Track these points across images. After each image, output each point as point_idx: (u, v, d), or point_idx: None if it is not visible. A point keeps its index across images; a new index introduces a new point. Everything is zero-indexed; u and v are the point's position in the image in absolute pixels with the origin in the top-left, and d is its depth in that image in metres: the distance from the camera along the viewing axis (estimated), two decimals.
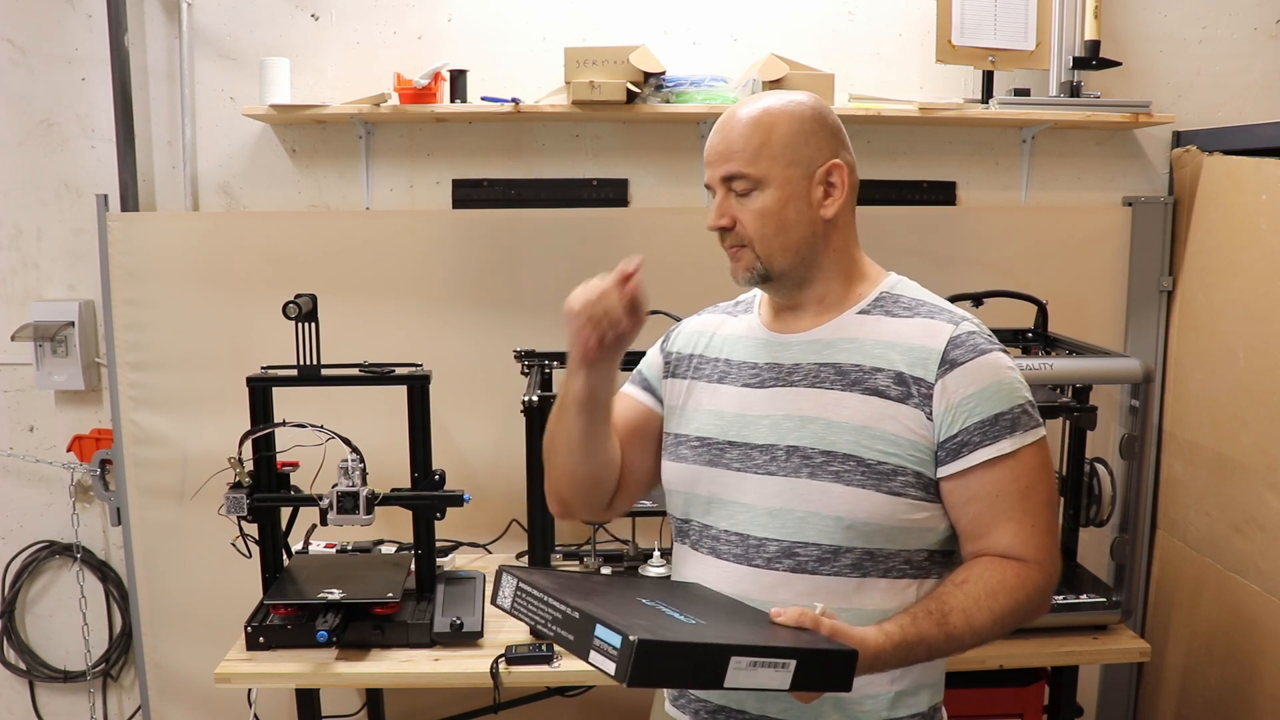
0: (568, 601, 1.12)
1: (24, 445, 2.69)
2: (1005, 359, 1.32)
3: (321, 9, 2.55)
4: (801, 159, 1.32)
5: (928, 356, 1.29)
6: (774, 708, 1.33)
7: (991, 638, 1.27)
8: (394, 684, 1.98)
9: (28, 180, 2.60)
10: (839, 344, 1.34)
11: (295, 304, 1.98)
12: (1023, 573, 1.28)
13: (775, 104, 1.34)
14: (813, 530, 1.30)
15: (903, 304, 1.36)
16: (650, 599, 1.21)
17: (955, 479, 1.29)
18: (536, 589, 1.17)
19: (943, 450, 1.28)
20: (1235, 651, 2.28)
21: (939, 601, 1.25)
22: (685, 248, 2.47)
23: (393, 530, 2.40)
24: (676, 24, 2.57)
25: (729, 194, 1.34)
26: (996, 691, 2.08)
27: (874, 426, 1.29)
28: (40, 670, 2.76)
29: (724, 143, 1.33)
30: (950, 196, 2.68)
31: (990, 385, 1.28)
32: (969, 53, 2.48)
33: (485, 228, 2.56)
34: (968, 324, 1.33)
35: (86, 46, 2.54)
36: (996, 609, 1.25)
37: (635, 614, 1.13)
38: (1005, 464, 1.27)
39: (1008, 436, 1.27)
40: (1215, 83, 2.64)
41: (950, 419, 1.27)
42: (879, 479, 1.28)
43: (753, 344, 1.41)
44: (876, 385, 1.30)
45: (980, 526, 1.30)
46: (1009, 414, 1.28)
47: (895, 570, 1.31)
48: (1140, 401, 2.04)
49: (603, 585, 1.30)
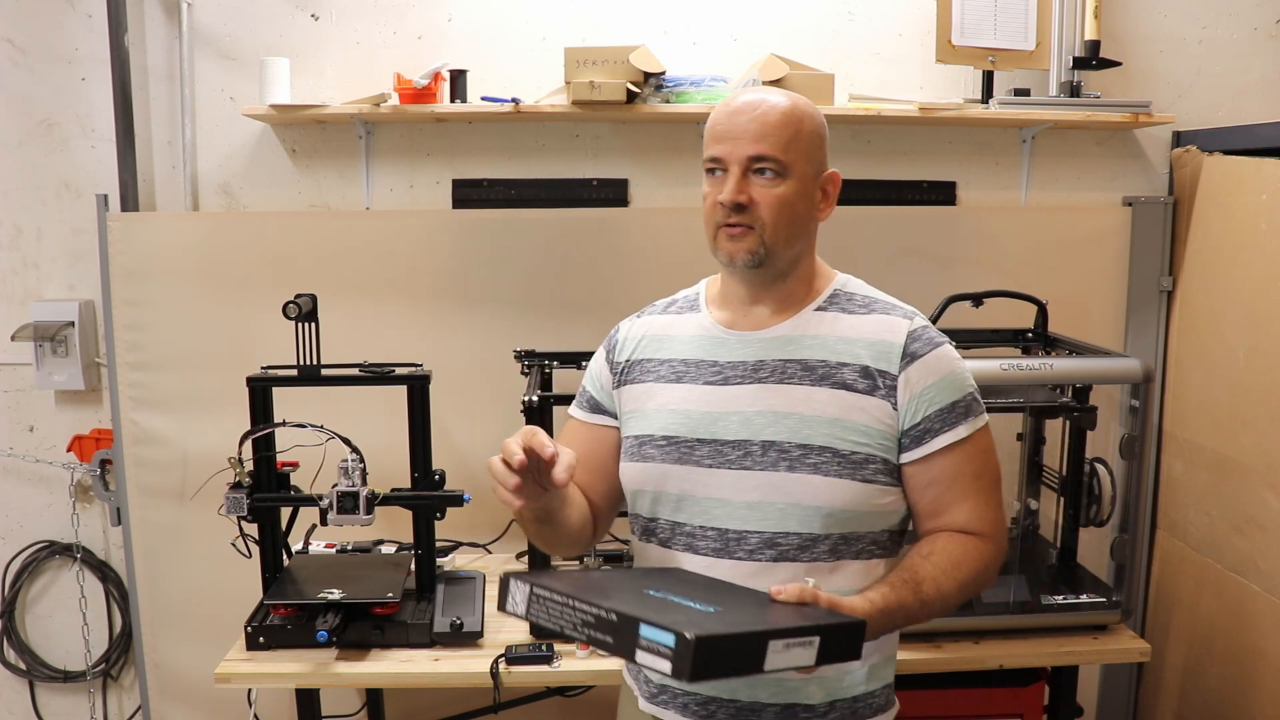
0: (598, 603, 1.11)
1: (24, 445, 2.69)
2: (954, 351, 1.42)
3: (321, 9, 2.55)
4: (815, 160, 1.40)
5: (890, 350, 1.37)
6: (764, 693, 1.36)
7: (956, 604, 1.36)
8: (394, 684, 1.98)
9: (28, 180, 2.60)
10: (802, 340, 1.40)
11: (295, 304, 1.98)
12: (980, 545, 1.38)
13: (800, 101, 1.39)
14: (793, 520, 1.35)
15: (856, 301, 1.44)
16: (657, 589, 1.22)
17: (918, 464, 1.37)
18: (556, 593, 1.16)
19: (906, 438, 1.37)
20: (1235, 651, 2.28)
21: (911, 572, 1.33)
22: (685, 248, 2.47)
23: (393, 530, 2.40)
24: (676, 24, 2.57)
25: (747, 174, 1.35)
26: (996, 691, 2.08)
27: (846, 419, 1.35)
28: (40, 670, 2.76)
29: (760, 125, 1.35)
30: (950, 196, 2.68)
31: (946, 375, 1.38)
32: (969, 53, 2.48)
33: (485, 228, 2.56)
34: (919, 319, 1.43)
35: (86, 46, 2.54)
36: (961, 577, 1.34)
37: (665, 608, 1.13)
38: (962, 448, 1.37)
39: (963, 422, 1.37)
40: (1215, 83, 2.64)
41: (914, 408, 1.36)
42: (854, 468, 1.35)
43: (709, 342, 1.45)
44: (844, 379, 1.37)
45: (939, 506, 1.39)
46: (963, 401, 1.38)
47: (865, 551, 1.39)
48: (1140, 401, 2.04)
49: (608, 581, 1.30)
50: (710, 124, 1.40)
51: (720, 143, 1.37)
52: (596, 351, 1.58)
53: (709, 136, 1.40)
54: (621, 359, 1.52)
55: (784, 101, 1.37)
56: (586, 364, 2.32)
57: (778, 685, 1.35)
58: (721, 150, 1.37)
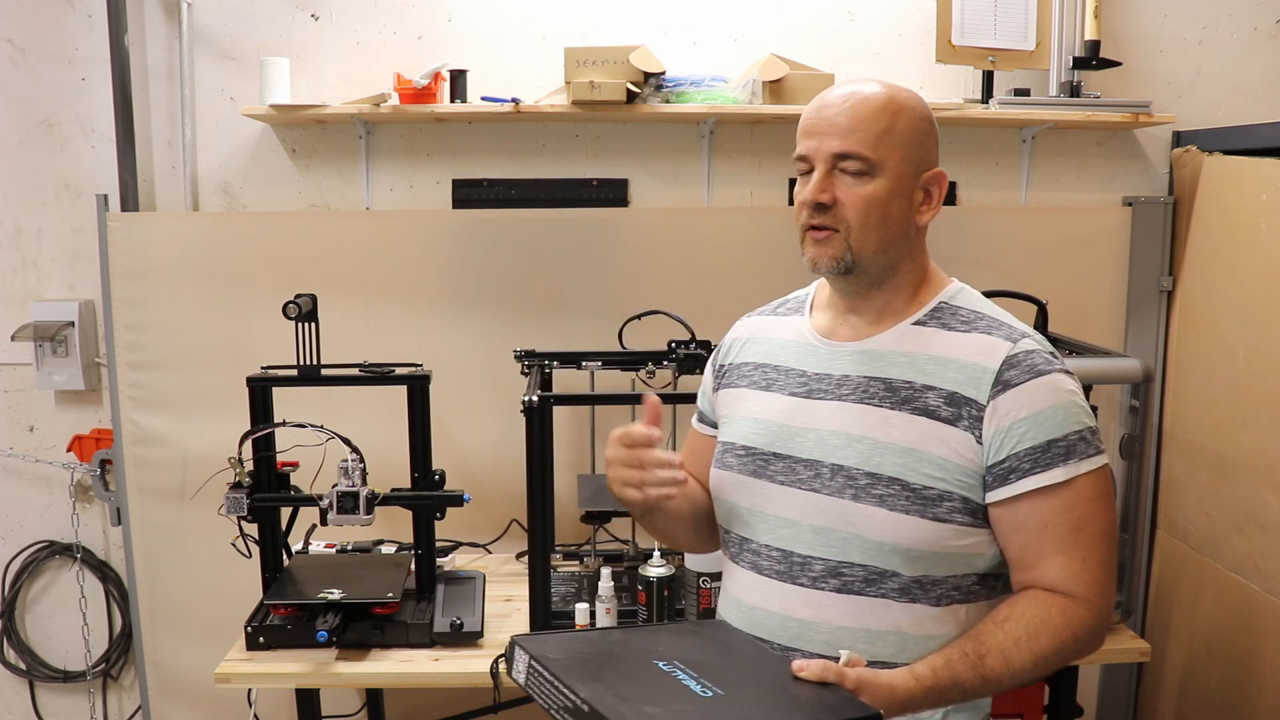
0: (576, 689, 1.09)
1: (24, 445, 2.69)
2: (1067, 381, 1.25)
3: (321, 9, 2.55)
4: (915, 157, 1.29)
5: (981, 376, 1.23)
6: None
7: (1033, 679, 1.22)
8: (394, 684, 1.98)
9: (28, 180, 2.60)
10: (891, 357, 1.29)
11: (295, 304, 1.98)
12: (1069, 610, 1.21)
13: (901, 93, 1.28)
14: (856, 552, 1.26)
15: (960, 316, 1.31)
16: (668, 662, 1.17)
17: (1002, 506, 1.23)
18: (547, 669, 1.14)
19: (990, 475, 1.23)
20: (1235, 651, 2.28)
21: (976, 642, 1.20)
22: (685, 248, 2.48)
23: (393, 530, 2.40)
24: (676, 24, 2.57)
25: (833, 172, 1.26)
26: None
27: (921, 449, 1.24)
28: (40, 670, 2.76)
29: (849, 118, 1.25)
30: (950, 196, 2.67)
31: (1046, 409, 1.22)
32: (969, 53, 2.48)
33: (485, 228, 2.56)
34: (1028, 341, 1.26)
35: (86, 46, 2.54)
36: (1037, 650, 1.19)
37: (647, 695, 1.09)
38: (1056, 493, 1.21)
39: (1061, 465, 1.21)
40: (1215, 83, 2.64)
41: (1000, 443, 1.22)
42: (924, 504, 1.23)
43: (802, 350, 1.37)
44: (926, 404, 1.24)
45: (1028, 556, 1.24)
46: (1063, 440, 1.22)
47: (946, 597, 1.26)
48: (1140, 401, 2.04)
49: (619, 647, 1.22)
50: (802, 119, 1.30)
51: (808, 138, 1.27)
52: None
53: (799, 132, 1.29)
54: (723, 362, 1.47)
55: (879, 91, 1.26)
56: (586, 364, 2.35)
57: None
58: (808, 146, 1.27)
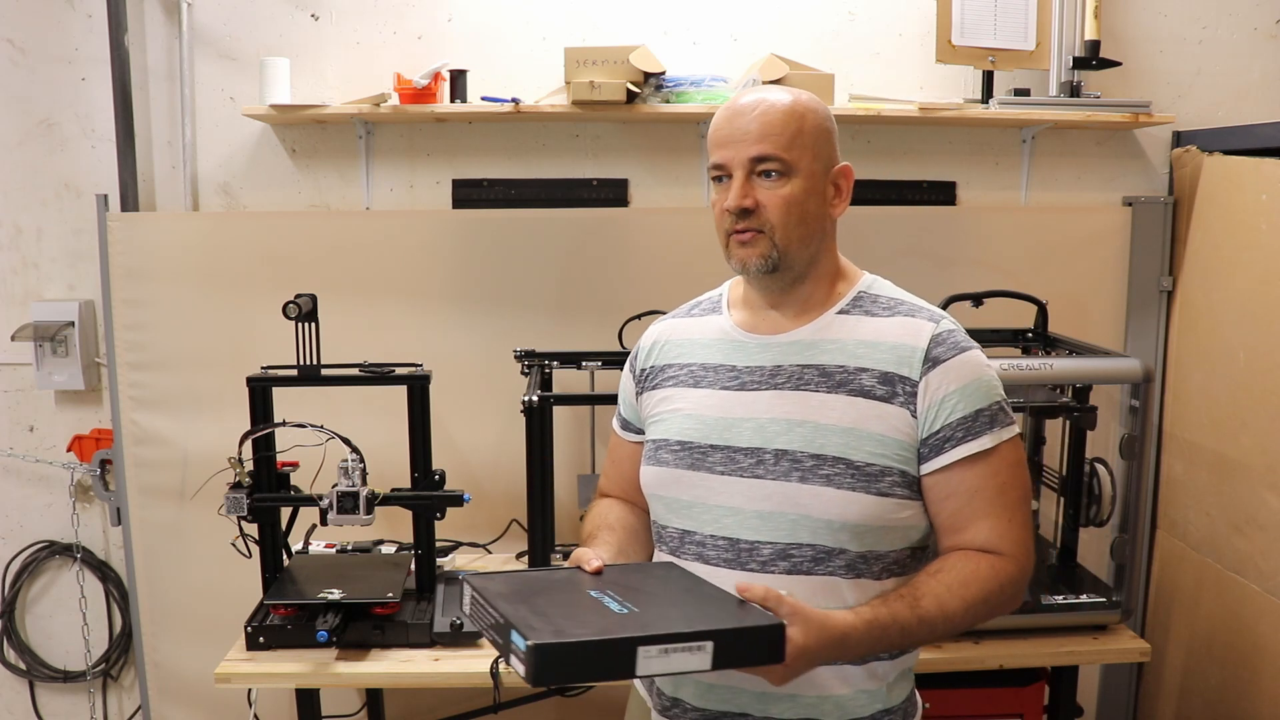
0: (498, 607, 1.14)
1: (24, 445, 2.69)
2: (983, 357, 1.35)
3: (321, 9, 2.55)
4: (823, 155, 1.34)
5: (911, 355, 1.31)
6: (777, 708, 1.33)
7: (964, 625, 1.29)
8: (394, 684, 1.98)
9: (28, 180, 2.60)
10: (821, 345, 1.35)
11: (295, 304, 1.98)
12: (997, 564, 1.30)
13: (803, 96, 1.35)
14: (805, 533, 1.30)
15: (881, 303, 1.38)
16: (600, 589, 1.22)
17: (937, 475, 1.31)
18: (484, 598, 1.18)
19: (925, 447, 1.30)
20: (1235, 651, 2.28)
21: (911, 587, 1.28)
22: (685, 248, 2.48)
23: (393, 530, 2.40)
24: (676, 24, 2.57)
25: (751, 177, 1.32)
26: (996, 691, 2.08)
27: (861, 428, 1.30)
28: (40, 670, 2.76)
29: (760, 125, 1.31)
30: (950, 196, 2.68)
31: (971, 382, 1.30)
32: (969, 53, 2.48)
33: (485, 228, 2.56)
34: (947, 322, 1.35)
35: (86, 46, 2.54)
36: (969, 596, 1.27)
37: (560, 613, 1.13)
38: (984, 460, 1.30)
39: (987, 432, 1.30)
40: (1215, 83, 2.64)
41: (933, 415, 1.29)
42: (868, 480, 1.29)
43: (728, 346, 1.41)
44: (862, 385, 1.31)
45: (958, 521, 1.32)
46: (988, 410, 1.31)
47: (887, 570, 1.33)
48: (1140, 401, 2.04)
49: (560, 582, 1.27)
50: (712, 130, 1.36)
51: (722, 148, 1.33)
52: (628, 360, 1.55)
53: (711, 143, 1.36)
54: (642, 367, 1.50)
55: (784, 98, 1.33)
56: (586, 364, 2.35)
57: (790, 702, 1.31)
58: (724, 155, 1.33)
